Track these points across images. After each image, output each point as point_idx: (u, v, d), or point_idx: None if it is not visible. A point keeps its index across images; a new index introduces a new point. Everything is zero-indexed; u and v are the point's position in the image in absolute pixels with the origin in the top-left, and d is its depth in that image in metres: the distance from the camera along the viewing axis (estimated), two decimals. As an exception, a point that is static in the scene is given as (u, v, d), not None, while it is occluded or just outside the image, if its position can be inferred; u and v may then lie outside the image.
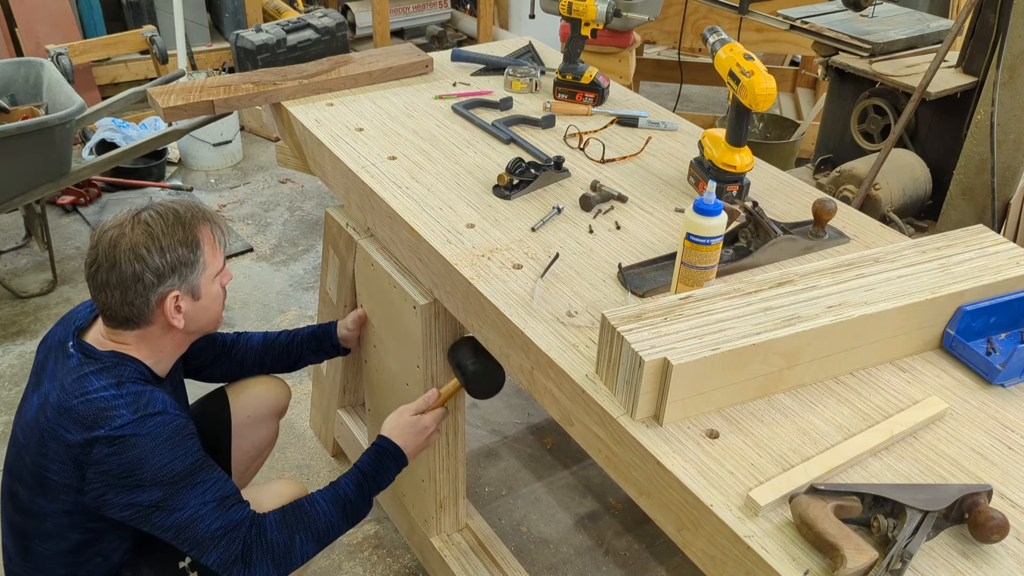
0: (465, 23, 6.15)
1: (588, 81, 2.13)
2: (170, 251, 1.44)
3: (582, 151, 1.97)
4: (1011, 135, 2.19)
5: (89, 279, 1.46)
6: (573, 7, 2.08)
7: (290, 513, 1.52)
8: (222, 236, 1.56)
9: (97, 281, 1.44)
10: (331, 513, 1.55)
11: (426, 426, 1.73)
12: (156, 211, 1.48)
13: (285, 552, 1.48)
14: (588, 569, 2.27)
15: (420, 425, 1.72)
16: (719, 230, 1.35)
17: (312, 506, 1.54)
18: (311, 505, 1.54)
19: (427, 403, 1.76)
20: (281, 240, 3.68)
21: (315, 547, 1.52)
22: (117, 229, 1.44)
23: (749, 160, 1.69)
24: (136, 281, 1.42)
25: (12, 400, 2.78)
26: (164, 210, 1.48)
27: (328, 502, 1.55)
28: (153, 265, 1.42)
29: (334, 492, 1.57)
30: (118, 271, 1.42)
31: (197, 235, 1.49)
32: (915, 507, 1.03)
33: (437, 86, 2.27)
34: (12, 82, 3.27)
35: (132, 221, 1.45)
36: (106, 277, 1.42)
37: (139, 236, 1.43)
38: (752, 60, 1.59)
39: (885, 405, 1.26)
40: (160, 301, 1.45)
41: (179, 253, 1.45)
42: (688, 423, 1.21)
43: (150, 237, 1.43)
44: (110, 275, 1.42)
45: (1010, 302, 1.36)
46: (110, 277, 1.42)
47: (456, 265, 1.54)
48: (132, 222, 1.45)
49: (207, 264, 1.50)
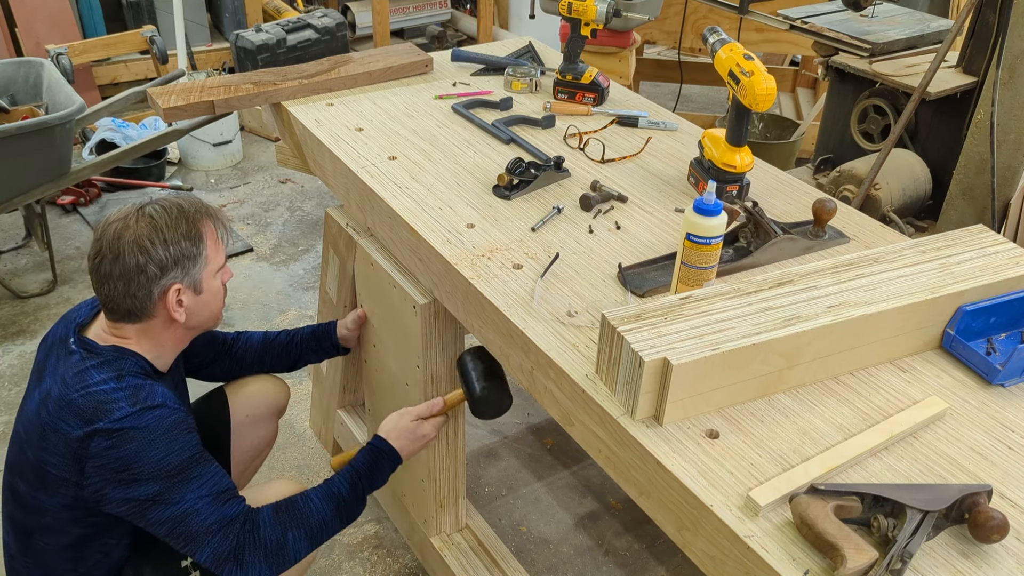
0: (465, 23, 6.15)
1: (588, 81, 2.13)
2: (173, 244, 1.45)
3: (582, 151, 1.97)
4: (1011, 135, 2.20)
5: (92, 271, 1.47)
6: (573, 7, 2.08)
7: (283, 510, 1.52)
8: (225, 233, 1.57)
9: (100, 273, 1.45)
10: (325, 511, 1.55)
11: (425, 433, 1.72)
12: (160, 205, 1.49)
13: (278, 549, 1.48)
14: (588, 569, 2.27)
15: (419, 432, 1.71)
16: (719, 230, 1.35)
17: (306, 503, 1.54)
18: (305, 502, 1.54)
19: (430, 410, 1.75)
20: (281, 240, 3.68)
21: (308, 545, 1.52)
22: (121, 222, 1.46)
23: (749, 160, 1.69)
24: (139, 273, 1.43)
25: (12, 400, 2.78)
26: (168, 204, 1.49)
27: (322, 500, 1.55)
28: (156, 257, 1.43)
29: (328, 490, 1.57)
30: (122, 263, 1.43)
31: (200, 229, 1.50)
32: (915, 507, 1.03)
33: (437, 86, 2.27)
34: (12, 82, 3.27)
35: (136, 214, 1.46)
36: (109, 269, 1.43)
37: (143, 229, 1.44)
38: (752, 60, 1.59)
39: (885, 405, 1.26)
40: (162, 294, 1.46)
41: (182, 246, 1.46)
42: (688, 423, 1.21)
43: (154, 230, 1.44)
44: (113, 267, 1.43)
45: (1010, 302, 1.36)
46: (113, 269, 1.43)
47: (456, 265, 1.54)
48: (136, 215, 1.46)
49: (209, 259, 1.51)
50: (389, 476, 1.67)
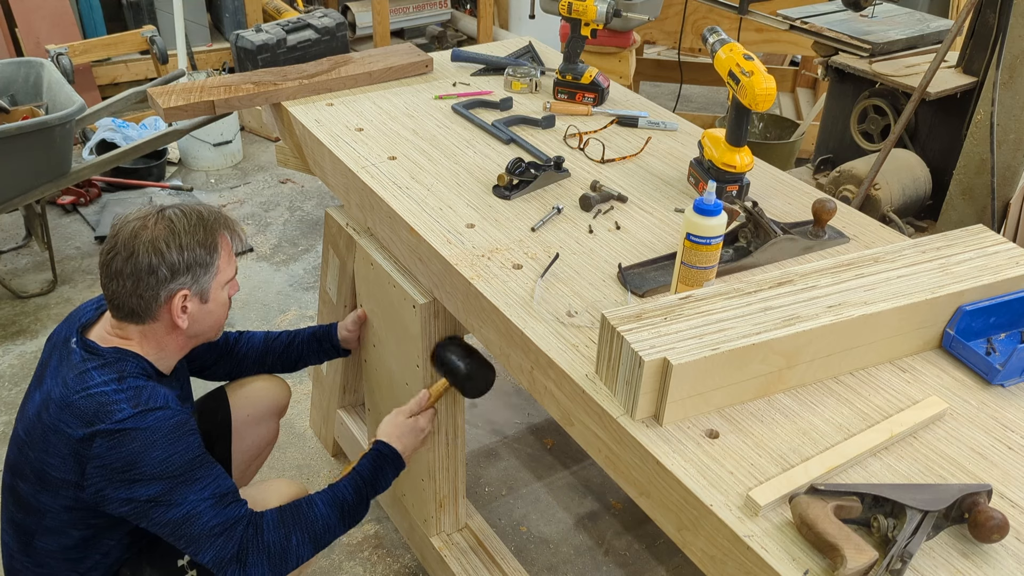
0: (465, 23, 6.15)
1: (588, 81, 2.13)
2: (188, 250, 1.46)
3: (582, 151, 1.97)
4: (1011, 135, 2.20)
5: (103, 266, 1.47)
6: (573, 7, 2.08)
7: (288, 513, 1.52)
8: (240, 245, 1.58)
9: (111, 269, 1.45)
10: (329, 516, 1.55)
11: (422, 427, 1.75)
12: (181, 210, 1.50)
13: (281, 553, 1.48)
14: (588, 569, 2.28)
15: (417, 427, 1.74)
16: (719, 230, 1.35)
17: (310, 508, 1.54)
18: (309, 507, 1.54)
19: (419, 405, 1.77)
20: (281, 240, 3.69)
21: (311, 549, 1.53)
22: (140, 221, 1.46)
23: (749, 160, 1.69)
24: (150, 274, 1.43)
25: (12, 400, 2.78)
26: (188, 210, 1.50)
27: (326, 505, 1.56)
28: (169, 260, 1.44)
29: (332, 495, 1.58)
30: (134, 261, 1.43)
31: (217, 240, 1.51)
32: (915, 507, 1.03)
33: (437, 86, 2.27)
34: (12, 82, 3.27)
35: (156, 216, 1.47)
36: (121, 266, 1.44)
37: (161, 231, 1.45)
38: (752, 60, 1.59)
39: (885, 405, 1.26)
40: (169, 298, 1.47)
41: (196, 253, 1.47)
42: (688, 423, 1.21)
43: (171, 233, 1.45)
44: (126, 264, 1.44)
45: (1010, 302, 1.36)
46: (125, 266, 1.44)
47: (456, 265, 1.54)
48: (156, 217, 1.47)
49: (220, 269, 1.52)
50: (393, 480, 1.68)
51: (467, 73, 2.35)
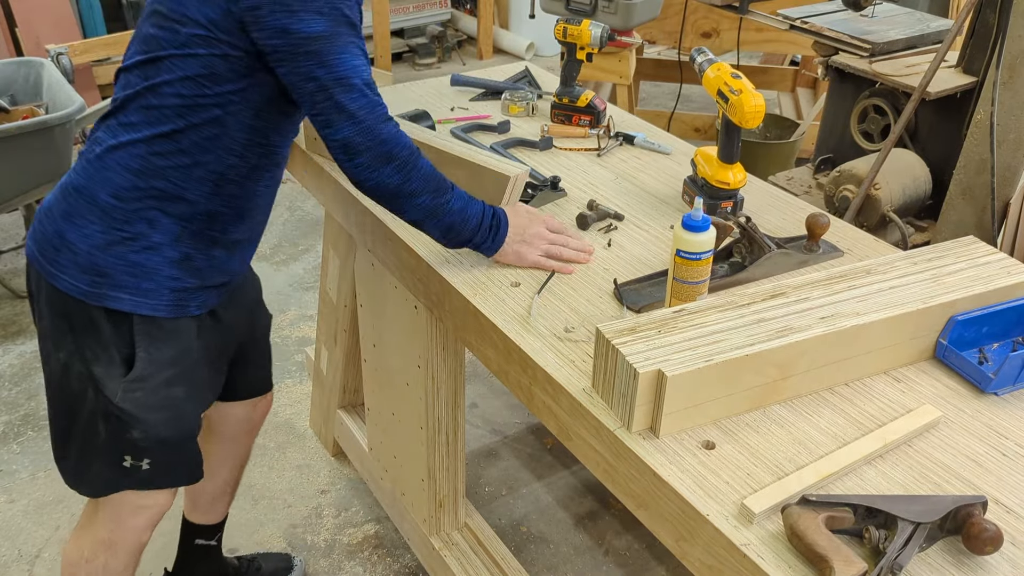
0: (465, 23, 6.14)
1: (584, 104, 2.14)
2: None
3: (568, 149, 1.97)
4: (1011, 135, 2.20)
5: None
6: (568, 32, 2.09)
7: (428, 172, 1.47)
8: None
9: None
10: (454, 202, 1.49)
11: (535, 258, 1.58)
12: None
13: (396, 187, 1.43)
14: (588, 569, 2.29)
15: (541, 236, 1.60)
16: (708, 245, 1.36)
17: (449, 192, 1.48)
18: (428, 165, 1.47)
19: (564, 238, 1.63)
20: (281, 240, 3.69)
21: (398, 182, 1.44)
22: None
23: (742, 176, 1.71)
24: None
25: (12, 400, 2.79)
26: None
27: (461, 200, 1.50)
28: None
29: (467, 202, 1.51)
30: None
31: None
32: (906, 519, 1.04)
33: (435, 112, 2.26)
34: (12, 82, 3.27)
35: None
36: None
37: None
38: (739, 79, 1.61)
39: (879, 414, 1.27)
40: None
41: None
42: (684, 435, 1.22)
43: None
44: None
45: (1001, 312, 1.37)
46: None
47: (455, 284, 1.56)
48: None
49: None
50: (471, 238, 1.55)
51: (466, 98, 2.36)
